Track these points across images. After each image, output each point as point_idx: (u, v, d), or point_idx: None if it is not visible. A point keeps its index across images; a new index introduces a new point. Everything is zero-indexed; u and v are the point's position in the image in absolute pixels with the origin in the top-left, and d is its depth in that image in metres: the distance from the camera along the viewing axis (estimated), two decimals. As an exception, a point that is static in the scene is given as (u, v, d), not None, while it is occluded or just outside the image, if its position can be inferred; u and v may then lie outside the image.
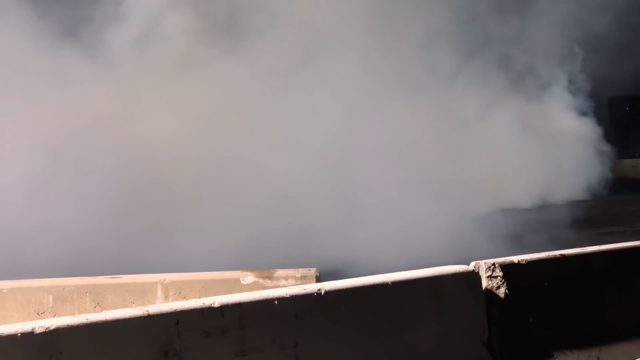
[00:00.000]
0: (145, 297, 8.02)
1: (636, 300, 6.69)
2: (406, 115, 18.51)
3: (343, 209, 15.73)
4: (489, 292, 5.92)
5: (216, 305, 4.67)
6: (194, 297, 6.72)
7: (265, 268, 8.53)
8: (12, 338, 4.08)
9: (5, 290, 8.04)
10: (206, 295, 6.95)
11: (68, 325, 4.22)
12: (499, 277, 5.94)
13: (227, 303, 4.71)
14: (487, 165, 20.74)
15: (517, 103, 23.48)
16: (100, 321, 4.30)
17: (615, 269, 6.68)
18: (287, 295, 4.94)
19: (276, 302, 4.88)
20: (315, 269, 8.43)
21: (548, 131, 23.69)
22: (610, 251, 6.78)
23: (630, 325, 6.57)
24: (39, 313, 7.91)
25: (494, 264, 5.97)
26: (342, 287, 5.22)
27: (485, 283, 5.93)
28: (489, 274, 5.94)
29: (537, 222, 17.77)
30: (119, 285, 8.16)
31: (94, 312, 5.26)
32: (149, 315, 4.44)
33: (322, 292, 5.09)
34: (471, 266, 5.94)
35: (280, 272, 8.36)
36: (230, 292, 5.19)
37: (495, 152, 21.60)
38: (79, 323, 4.25)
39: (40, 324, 4.18)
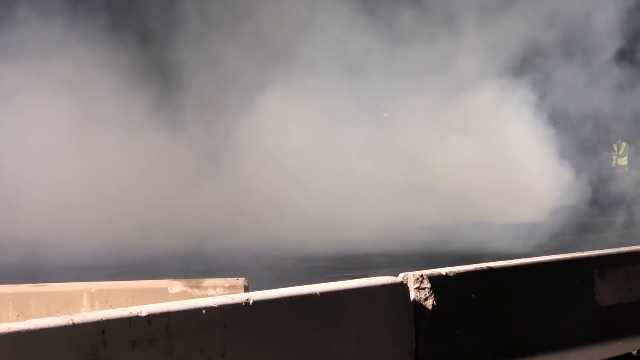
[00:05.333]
0: (70, 305, 7.88)
1: (560, 312, 6.82)
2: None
3: None
4: (417, 304, 5.97)
5: (143, 314, 4.61)
6: (121, 306, 6.62)
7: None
8: None
9: None
10: (133, 304, 6.85)
11: (-11, 334, 4.12)
12: (427, 289, 5.99)
13: (154, 312, 4.65)
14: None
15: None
16: (23, 330, 4.21)
17: (540, 282, 6.79)
18: (215, 305, 4.91)
19: (204, 311, 4.85)
20: (244, 278, 8.38)
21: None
22: (535, 264, 6.89)
23: (553, 337, 6.68)
24: (-41, 322, 7.71)
25: (422, 276, 6.02)
26: (270, 297, 5.21)
27: (413, 294, 5.98)
28: (417, 285, 5.99)
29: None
30: (43, 294, 8.00)
31: (17, 321, 5.15)
32: (74, 324, 4.36)
33: (250, 301, 5.07)
34: (400, 277, 5.98)
35: (209, 282, 8.30)
36: (158, 301, 5.13)
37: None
38: (0, 332, 4.15)
39: (-40, 333, 4.07)
